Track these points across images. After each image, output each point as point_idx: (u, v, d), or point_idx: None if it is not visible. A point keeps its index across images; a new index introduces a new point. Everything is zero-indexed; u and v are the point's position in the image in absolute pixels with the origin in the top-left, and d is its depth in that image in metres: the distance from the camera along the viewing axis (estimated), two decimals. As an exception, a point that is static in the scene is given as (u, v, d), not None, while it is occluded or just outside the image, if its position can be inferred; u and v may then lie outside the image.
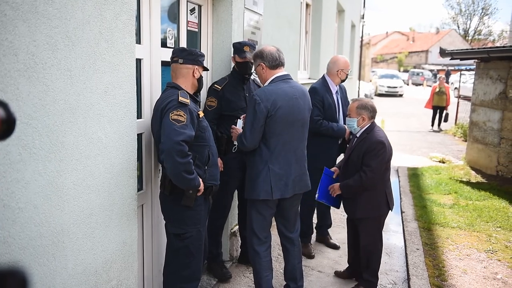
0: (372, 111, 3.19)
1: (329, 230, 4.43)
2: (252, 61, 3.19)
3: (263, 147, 2.80)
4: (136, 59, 2.33)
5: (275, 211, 3.00)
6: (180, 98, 2.41)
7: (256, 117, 2.72)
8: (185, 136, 2.33)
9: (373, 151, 3.05)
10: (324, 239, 4.36)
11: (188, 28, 3.21)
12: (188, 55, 2.58)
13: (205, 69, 2.71)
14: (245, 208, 3.62)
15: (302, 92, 2.92)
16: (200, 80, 2.66)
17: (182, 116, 2.37)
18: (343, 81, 4.01)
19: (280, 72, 2.90)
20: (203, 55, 2.66)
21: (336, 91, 3.99)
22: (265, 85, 2.89)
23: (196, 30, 3.37)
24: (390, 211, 3.27)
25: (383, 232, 3.40)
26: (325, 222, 4.36)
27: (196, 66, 2.61)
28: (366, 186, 3.09)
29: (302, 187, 2.98)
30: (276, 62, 2.87)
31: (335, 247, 4.29)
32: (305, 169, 2.99)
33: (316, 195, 3.41)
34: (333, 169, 3.50)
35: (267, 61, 2.87)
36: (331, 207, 4.16)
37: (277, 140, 2.79)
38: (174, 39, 3.03)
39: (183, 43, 3.13)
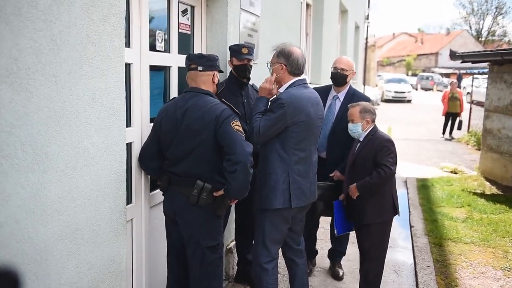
0: (374, 114, 3.37)
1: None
2: (253, 62, 3.23)
3: (284, 154, 2.84)
4: (126, 64, 2.35)
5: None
6: (233, 108, 2.59)
7: (278, 121, 2.77)
8: (252, 148, 2.52)
9: (384, 148, 3.20)
10: (333, 265, 4.18)
11: (180, 30, 3.24)
12: (207, 61, 2.69)
13: (220, 71, 2.82)
14: (243, 222, 3.64)
15: (319, 99, 3.02)
16: (217, 84, 2.80)
17: (240, 126, 2.55)
18: (335, 80, 3.76)
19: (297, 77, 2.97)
20: (218, 58, 2.79)
21: (334, 97, 3.80)
22: (286, 88, 2.92)
23: (189, 32, 3.41)
24: (397, 215, 3.37)
25: (390, 248, 3.42)
26: (340, 249, 4.17)
27: (215, 71, 2.72)
28: (384, 183, 3.20)
29: (314, 196, 3.06)
30: (298, 71, 2.94)
31: (336, 277, 4.07)
32: (316, 179, 3.08)
33: (335, 231, 3.53)
34: (341, 197, 3.51)
35: (290, 66, 2.91)
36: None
37: (299, 146, 2.86)
38: (164, 42, 3.06)
39: (174, 46, 3.16)
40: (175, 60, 3.16)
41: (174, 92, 3.16)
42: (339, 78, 3.75)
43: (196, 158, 2.56)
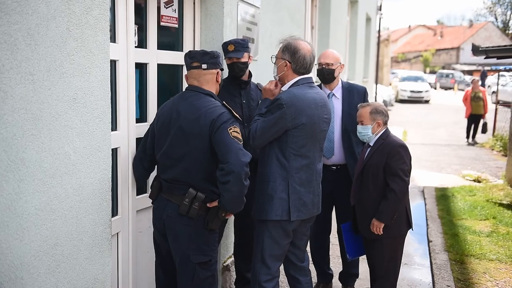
0: (386, 115, 3.37)
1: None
2: (243, 60, 3.26)
3: (284, 160, 2.85)
4: (111, 61, 2.37)
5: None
6: (233, 112, 2.61)
7: (276, 122, 2.79)
8: (249, 157, 2.51)
9: (397, 154, 3.20)
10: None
11: (163, 23, 3.21)
12: (211, 58, 2.71)
13: (222, 69, 2.84)
14: (242, 236, 3.64)
15: (326, 100, 3.03)
16: (220, 83, 2.84)
17: (239, 133, 2.57)
18: (322, 77, 3.76)
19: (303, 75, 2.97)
20: (221, 55, 2.83)
21: (329, 95, 3.76)
22: (289, 87, 2.94)
23: (176, 25, 3.39)
24: (411, 229, 3.38)
25: (406, 265, 3.42)
26: (353, 271, 4.14)
27: (219, 69, 2.76)
28: (403, 197, 3.21)
29: (318, 208, 3.07)
30: (303, 70, 2.95)
31: None
32: (320, 189, 3.09)
33: (347, 256, 3.62)
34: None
35: (295, 63, 2.92)
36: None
37: (300, 152, 2.87)
38: (139, 36, 3.02)
39: (152, 41, 3.11)
40: (155, 57, 3.13)
41: (152, 93, 3.13)
42: (326, 74, 3.74)
43: (189, 164, 2.58)
